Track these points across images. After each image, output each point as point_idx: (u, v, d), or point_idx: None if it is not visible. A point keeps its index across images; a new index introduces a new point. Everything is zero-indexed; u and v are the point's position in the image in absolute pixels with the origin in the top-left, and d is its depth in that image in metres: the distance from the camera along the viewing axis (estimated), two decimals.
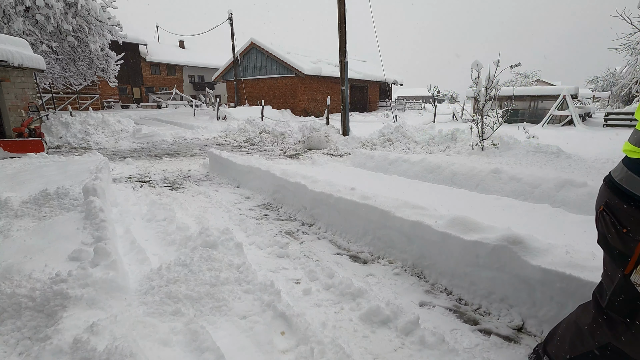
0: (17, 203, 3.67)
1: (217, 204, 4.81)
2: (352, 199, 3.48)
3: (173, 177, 6.64)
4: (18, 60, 9.41)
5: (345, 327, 2.09)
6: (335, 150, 10.00)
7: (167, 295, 2.18)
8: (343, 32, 11.54)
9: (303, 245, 3.41)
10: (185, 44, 41.45)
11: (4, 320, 1.89)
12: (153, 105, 31.19)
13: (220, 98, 31.86)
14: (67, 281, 2.07)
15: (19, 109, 9.95)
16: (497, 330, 2.09)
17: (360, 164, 7.02)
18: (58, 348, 1.65)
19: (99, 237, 2.81)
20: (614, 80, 24.76)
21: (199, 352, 1.79)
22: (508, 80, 36.35)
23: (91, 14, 14.60)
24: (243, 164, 5.88)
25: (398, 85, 33.07)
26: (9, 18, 12.34)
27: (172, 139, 13.08)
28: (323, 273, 2.71)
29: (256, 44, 25.46)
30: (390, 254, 3.04)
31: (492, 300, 2.29)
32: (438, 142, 9.32)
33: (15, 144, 8.35)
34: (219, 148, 9.70)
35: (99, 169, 5.23)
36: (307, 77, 23.91)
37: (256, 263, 2.90)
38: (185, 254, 2.67)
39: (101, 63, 15.84)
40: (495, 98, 8.36)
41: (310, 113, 24.31)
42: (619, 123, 14.72)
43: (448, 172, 5.54)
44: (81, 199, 3.84)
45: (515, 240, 2.22)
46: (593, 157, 6.66)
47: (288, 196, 4.57)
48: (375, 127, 12.45)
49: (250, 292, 2.30)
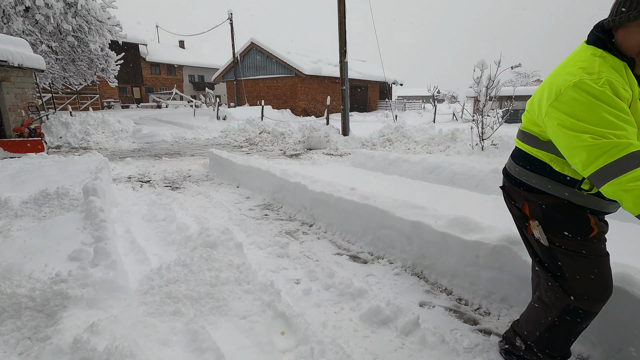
0: (17, 203, 3.67)
1: (217, 204, 4.81)
2: (352, 199, 3.48)
3: (173, 177, 6.64)
4: (18, 60, 9.41)
5: (345, 327, 2.09)
6: (335, 150, 10.00)
7: (167, 295, 2.18)
8: (343, 32, 11.54)
9: (303, 245, 3.41)
10: (185, 44, 41.46)
11: (4, 320, 1.89)
12: (153, 105, 31.19)
13: (220, 98, 31.86)
14: (67, 281, 2.07)
15: (19, 109, 9.95)
16: (497, 330, 2.09)
17: (360, 164, 7.02)
18: (58, 348, 1.65)
19: (99, 237, 2.81)
20: None
21: (199, 352, 1.78)
22: (508, 81, 36.37)
23: (91, 13, 14.60)
24: (243, 164, 5.88)
25: (398, 85, 33.08)
26: (8, 18, 12.34)
27: (172, 139, 13.08)
28: (323, 273, 2.71)
29: (256, 44, 25.46)
30: (390, 254, 3.04)
31: (492, 300, 2.29)
32: (438, 142, 9.32)
33: (15, 144, 8.35)
34: (219, 148, 9.70)
35: (99, 169, 5.23)
36: (307, 77, 23.92)
37: (256, 263, 2.90)
38: (185, 254, 2.67)
39: (101, 63, 15.85)
40: (496, 98, 8.36)
41: (310, 113, 24.31)
42: None
43: (448, 172, 5.53)
44: (81, 199, 3.84)
45: (515, 240, 2.22)
46: None
47: (288, 196, 4.57)
48: (375, 127, 12.45)
49: (250, 292, 2.30)
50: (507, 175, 1.64)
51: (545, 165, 1.43)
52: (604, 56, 1.26)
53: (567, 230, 1.42)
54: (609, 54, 1.27)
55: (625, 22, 1.21)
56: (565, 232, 1.42)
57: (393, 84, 32.19)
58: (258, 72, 26.30)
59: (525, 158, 1.52)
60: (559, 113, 1.25)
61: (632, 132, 1.17)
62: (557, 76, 1.31)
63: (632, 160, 1.12)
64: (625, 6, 1.20)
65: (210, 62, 39.00)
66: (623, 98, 1.20)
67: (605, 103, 1.17)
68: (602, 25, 1.31)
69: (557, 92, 1.25)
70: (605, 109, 1.17)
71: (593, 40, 1.31)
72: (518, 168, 1.55)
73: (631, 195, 1.12)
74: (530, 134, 1.47)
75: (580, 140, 1.19)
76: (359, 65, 29.50)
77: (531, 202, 1.49)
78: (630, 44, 1.23)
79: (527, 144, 1.50)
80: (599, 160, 1.16)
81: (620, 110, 1.18)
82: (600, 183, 1.18)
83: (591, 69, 1.22)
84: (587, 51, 1.30)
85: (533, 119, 1.44)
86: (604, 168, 1.16)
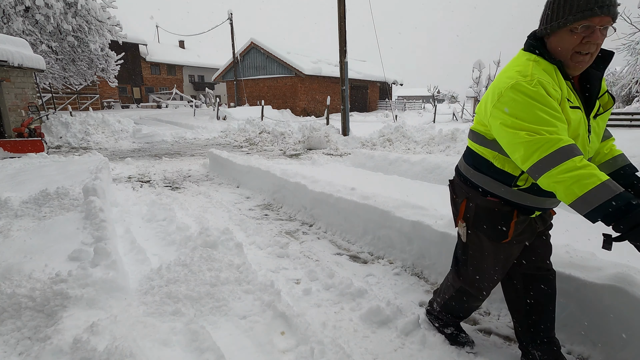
0: (17, 203, 3.67)
1: (217, 204, 4.81)
2: (352, 199, 3.48)
3: (173, 177, 6.64)
4: (18, 60, 9.42)
5: (345, 327, 2.09)
6: (335, 150, 10.00)
7: (167, 295, 2.18)
8: (343, 32, 11.55)
9: (303, 245, 3.41)
10: (185, 44, 41.45)
11: (4, 320, 1.89)
12: (153, 105, 31.18)
13: (220, 98, 31.87)
14: (67, 281, 2.07)
15: (19, 109, 9.95)
16: (497, 330, 2.09)
17: (360, 164, 7.02)
18: (58, 348, 1.65)
19: (99, 237, 2.81)
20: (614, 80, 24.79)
21: (199, 352, 1.79)
22: None
23: (91, 13, 14.60)
24: (243, 164, 5.88)
25: (398, 85, 33.08)
26: (8, 18, 12.34)
27: (172, 139, 13.08)
28: (323, 273, 2.71)
29: (256, 44, 25.46)
30: (390, 254, 3.04)
31: (492, 300, 2.29)
32: (438, 142, 9.31)
33: (15, 144, 8.35)
34: (219, 148, 9.70)
35: (99, 169, 5.23)
36: (307, 77, 23.92)
37: (256, 263, 2.90)
38: (185, 253, 2.67)
39: (101, 63, 15.85)
40: None
41: (310, 113, 24.31)
42: (619, 123, 14.71)
43: (448, 172, 5.53)
44: (81, 199, 3.84)
45: None
46: None
47: (288, 196, 4.57)
48: (375, 127, 12.45)
49: (250, 292, 2.30)
50: (456, 171, 1.78)
51: (488, 162, 1.56)
52: (537, 60, 1.39)
53: (485, 233, 1.61)
54: (542, 58, 1.39)
55: (555, 30, 1.35)
56: (483, 235, 1.62)
57: (393, 84, 32.19)
58: (258, 72, 26.30)
59: (472, 156, 1.65)
60: (501, 114, 1.37)
61: (562, 128, 1.29)
62: (499, 80, 1.43)
63: (561, 154, 1.23)
64: (554, 16, 1.34)
65: (210, 62, 38.98)
66: (553, 97, 1.31)
67: (539, 102, 1.29)
68: (535, 33, 1.46)
69: (499, 94, 1.37)
70: (539, 107, 1.28)
71: (528, 47, 1.45)
72: (465, 165, 1.69)
73: (562, 186, 1.23)
74: (479, 133, 1.59)
75: (518, 137, 1.31)
76: (359, 65, 29.50)
77: (470, 199, 1.64)
78: (560, 49, 1.36)
79: (475, 142, 1.62)
80: (534, 155, 1.27)
81: (552, 108, 1.29)
82: (537, 176, 1.30)
83: (525, 72, 1.35)
84: (523, 57, 1.44)
85: (481, 119, 1.56)
86: (538, 162, 1.27)
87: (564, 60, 1.37)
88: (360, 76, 27.27)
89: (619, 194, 1.17)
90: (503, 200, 1.54)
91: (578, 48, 1.32)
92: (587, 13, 1.26)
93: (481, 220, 1.61)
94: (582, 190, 1.19)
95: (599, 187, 1.18)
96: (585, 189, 1.19)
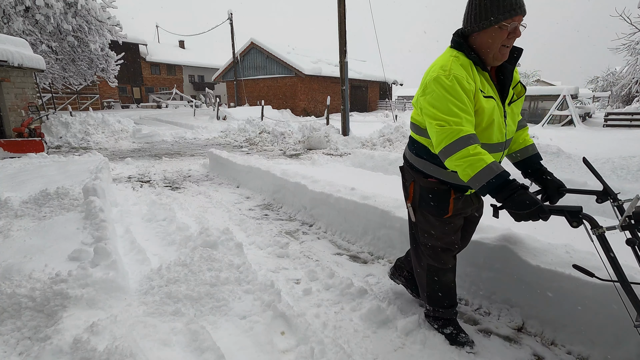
0: (17, 203, 3.67)
1: (217, 204, 4.81)
2: (352, 199, 3.48)
3: (173, 177, 6.64)
4: (18, 60, 9.41)
5: (345, 327, 2.09)
6: (335, 150, 10.00)
7: (167, 295, 2.18)
8: (343, 32, 11.54)
9: (303, 245, 3.41)
10: (185, 44, 41.46)
11: (4, 320, 1.89)
12: (153, 105, 31.18)
13: (220, 98, 31.85)
14: (67, 281, 2.07)
15: (19, 109, 9.95)
16: (497, 330, 2.09)
17: (360, 164, 7.02)
18: (58, 348, 1.65)
19: (99, 237, 2.81)
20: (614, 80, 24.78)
21: (199, 352, 1.79)
22: None
23: (91, 13, 14.60)
24: (243, 164, 5.88)
25: (398, 85, 33.06)
26: (8, 18, 12.34)
27: (172, 139, 13.08)
28: (323, 273, 2.71)
29: (256, 44, 25.45)
30: (390, 254, 3.04)
31: (493, 300, 2.29)
32: None
33: (15, 144, 8.35)
34: (219, 148, 9.69)
35: (99, 169, 5.23)
36: (307, 77, 23.91)
37: (256, 263, 2.90)
38: (185, 253, 2.67)
39: (101, 63, 15.85)
40: None
41: (310, 113, 24.31)
42: (619, 123, 14.72)
43: None
44: (81, 199, 3.84)
45: (515, 240, 2.22)
46: (593, 156, 6.66)
47: (288, 196, 4.57)
48: (375, 127, 12.44)
49: (250, 292, 2.30)
50: (404, 158, 2.00)
51: (425, 148, 1.78)
52: (457, 56, 1.59)
53: (429, 211, 1.83)
54: (462, 54, 1.59)
55: (485, 28, 1.53)
56: (428, 212, 1.84)
57: (393, 84, 32.18)
58: (258, 72, 26.29)
59: (413, 143, 1.87)
60: (425, 104, 1.59)
61: (465, 119, 1.50)
62: (427, 73, 1.64)
63: (458, 144, 1.48)
64: (476, 18, 1.54)
65: (210, 62, 38.99)
66: (466, 90, 1.52)
67: (452, 95, 1.50)
68: (459, 31, 1.64)
69: (424, 86, 1.60)
70: (451, 100, 1.50)
71: (453, 43, 1.65)
72: (409, 152, 1.91)
73: (459, 168, 1.50)
74: (415, 124, 1.80)
75: (432, 126, 1.55)
76: (359, 65, 29.48)
77: (416, 182, 1.86)
78: (491, 42, 1.55)
79: (414, 132, 1.84)
80: (442, 143, 1.52)
81: (461, 101, 1.50)
82: (444, 159, 1.55)
83: (445, 66, 1.55)
84: (448, 53, 1.64)
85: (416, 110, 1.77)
86: (444, 149, 1.52)
87: (493, 53, 1.56)
88: (360, 76, 27.25)
89: (499, 174, 1.43)
90: (440, 181, 1.78)
91: (505, 42, 1.53)
92: (513, 12, 1.47)
93: (424, 199, 1.84)
94: (473, 171, 1.46)
95: (484, 169, 1.44)
96: (475, 170, 1.45)
